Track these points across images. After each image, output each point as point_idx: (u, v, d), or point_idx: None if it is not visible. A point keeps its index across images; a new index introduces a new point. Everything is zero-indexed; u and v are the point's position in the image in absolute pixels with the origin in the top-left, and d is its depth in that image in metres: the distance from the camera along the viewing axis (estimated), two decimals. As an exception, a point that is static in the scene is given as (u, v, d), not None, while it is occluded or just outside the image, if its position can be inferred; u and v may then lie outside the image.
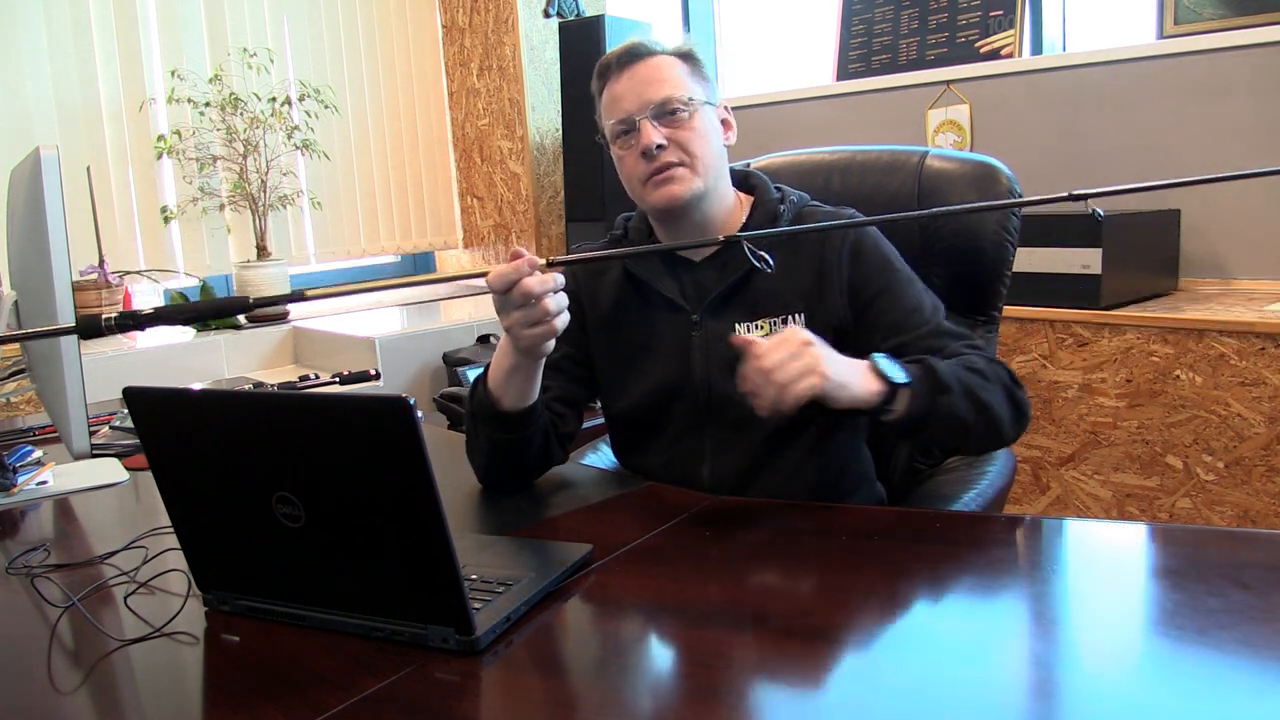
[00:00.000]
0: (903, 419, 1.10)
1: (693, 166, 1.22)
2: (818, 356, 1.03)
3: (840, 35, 3.26)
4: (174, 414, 0.89)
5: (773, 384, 1.01)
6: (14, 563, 1.06)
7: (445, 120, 4.08)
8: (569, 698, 0.76)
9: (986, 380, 1.14)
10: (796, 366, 1.02)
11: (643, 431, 1.32)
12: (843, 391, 1.05)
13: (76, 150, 3.06)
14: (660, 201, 1.23)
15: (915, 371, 1.11)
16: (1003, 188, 1.43)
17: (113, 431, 1.61)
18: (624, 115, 1.24)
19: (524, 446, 1.21)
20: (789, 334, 1.05)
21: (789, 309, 1.24)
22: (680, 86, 1.23)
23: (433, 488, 0.77)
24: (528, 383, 1.17)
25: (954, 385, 1.10)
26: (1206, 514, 2.13)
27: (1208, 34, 2.44)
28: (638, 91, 1.23)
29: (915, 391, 1.09)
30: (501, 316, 1.10)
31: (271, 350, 3.13)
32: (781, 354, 1.02)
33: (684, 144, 1.22)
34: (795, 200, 1.30)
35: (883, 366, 1.09)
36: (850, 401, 1.07)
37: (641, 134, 1.22)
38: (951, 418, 1.10)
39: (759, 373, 1.02)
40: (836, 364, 1.06)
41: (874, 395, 1.08)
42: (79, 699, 0.79)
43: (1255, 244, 2.42)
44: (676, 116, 1.22)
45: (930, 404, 1.09)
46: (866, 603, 0.90)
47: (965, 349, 1.18)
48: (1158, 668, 0.76)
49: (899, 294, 1.23)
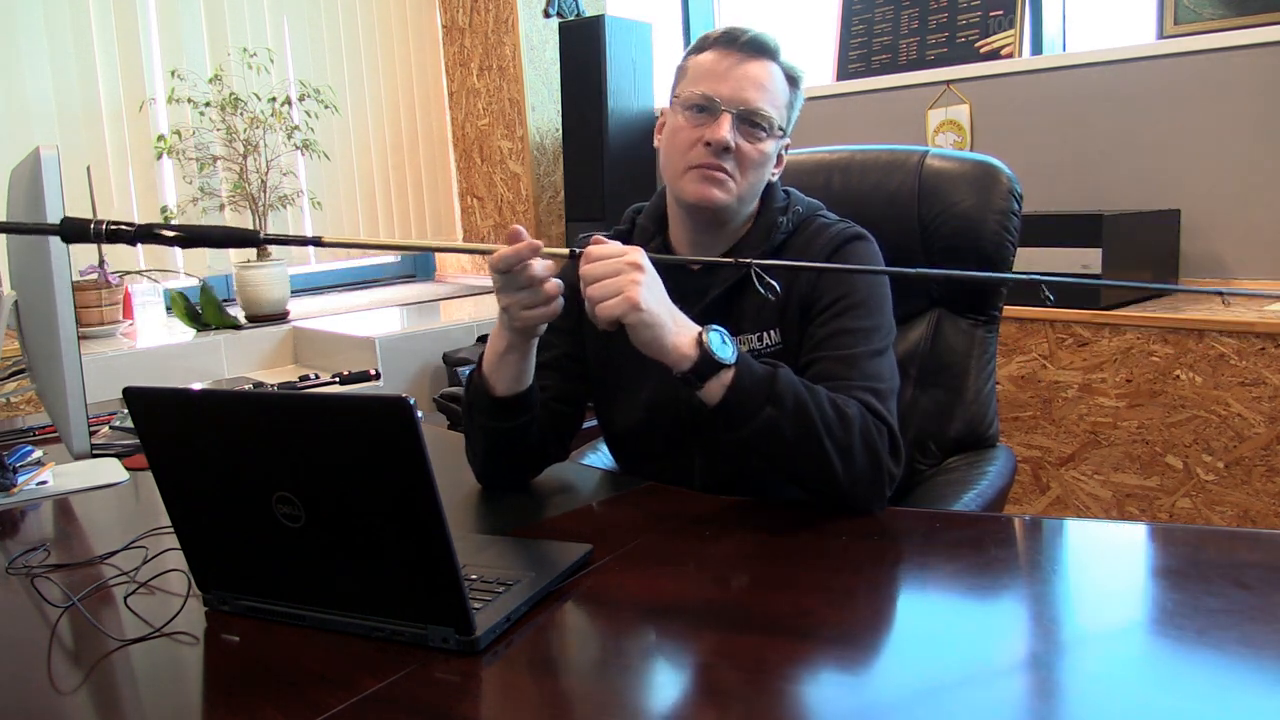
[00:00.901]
0: (717, 409, 1.04)
1: (738, 183, 1.19)
2: (637, 284, 1.00)
3: (840, 35, 3.26)
4: (174, 414, 0.89)
5: (587, 296, 1.00)
6: (14, 563, 1.06)
7: (445, 120, 4.08)
8: (569, 698, 0.76)
9: (844, 425, 1.04)
10: (610, 285, 1.00)
11: (636, 444, 1.32)
12: (648, 333, 1.01)
13: (76, 150, 3.06)
14: (694, 197, 1.19)
15: (755, 368, 1.05)
16: (1003, 187, 1.43)
17: (113, 431, 1.61)
18: (715, 96, 1.18)
19: (520, 436, 1.19)
20: (619, 249, 1.03)
21: (765, 326, 1.21)
22: (777, 106, 1.20)
23: (433, 488, 0.77)
24: (521, 364, 1.16)
25: (788, 403, 1.03)
26: (1206, 514, 2.13)
27: (1208, 34, 2.44)
28: (741, 85, 1.18)
29: (740, 386, 1.03)
30: (501, 297, 1.09)
31: (271, 350, 3.13)
32: (601, 269, 1.01)
33: (744, 158, 1.18)
34: (801, 210, 1.27)
35: (711, 339, 1.03)
36: (655, 351, 1.02)
37: (719, 124, 1.16)
38: (770, 434, 1.03)
39: (583, 281, 1.01)
40: (657, 303, 1.02)
41: (681, 358, 1.02)
42: (79, 699, 0.79)
43: (1255, 244, 2.42)
44: (756, 131, 1.18)
45: (752, 408, 1.03)
46: (866, 603, 0.90)
47: (862, 392, 1.10)
48: (1158, 668, 0.76)
49: (844, 313, 1.17)
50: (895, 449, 1.09)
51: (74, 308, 1.24)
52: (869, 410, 1.08)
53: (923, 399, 1.46)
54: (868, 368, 1.13)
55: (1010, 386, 2.38)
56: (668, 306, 1.04)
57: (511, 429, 1.19)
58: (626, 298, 1.00)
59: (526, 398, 1.18)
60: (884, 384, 1.13)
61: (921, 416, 1.45)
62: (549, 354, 1.31)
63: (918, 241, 1.45)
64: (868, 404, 1.09)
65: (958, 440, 1.44)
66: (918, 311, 1.49)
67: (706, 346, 1.02)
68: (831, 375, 1.12)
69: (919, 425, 1.44)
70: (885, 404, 1.11)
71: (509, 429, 1.19)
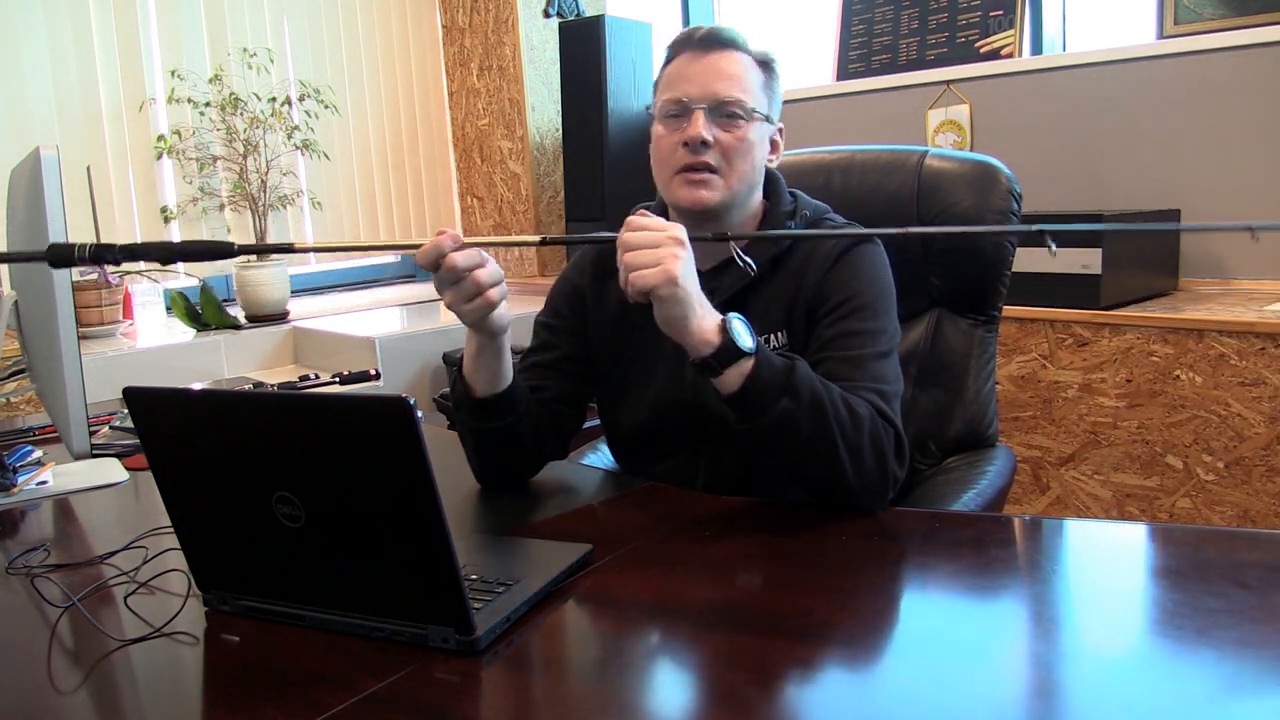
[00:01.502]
0: (735, 397, 1.04)
1: (726, 176, 1.19)
2: (678, 258, 1.00)
3: (840, 35, 3.26)
4: (174, 414, 0.89)
5: (624, 264, 1.00)
6: (14, 563, 1.06)
7: (445, 120, 4.08)
8: (569, 698, 0.76)
9: (856, 424, 1.05)
10: (650, 254, 1.00)
11: (641, 444, 1.32)
12: (678, 309, 1.01)
13: (76, 150, 3.06)
14: (686, 202, 1.20)
15: (773, 359, 1.04)
16: (1002, 187, 1.43)
17: (113, 431, 1.61)
18: (683, 97, 1.18)
19: (506, 436, 1.19)
20: (663, 223, 1.03)
21: (773, 328, 1.21)
22: (748, 92, 1.19)
23: (433, 488, 0.77)
24: (495, 364, 1.15)
25: (804, 396, 1.03)
26: (1206, 514, 2.13)
27: (1208, 34, 2.44)
28: (706, 80, 1.18)
29: (758, 376, 1.02)
30: (441, 296, 1.10)
31: (271, 350, 3.13)
32: (643, 238, 1.01)
33: (727, 149, 1.18)
34: (809, 214, 1.27)
35: (734, 326, 1.03)
36: (678, 331, 1.02)
37: (692, 124, 1.17)
38: (786, 426, 1.03)
39: (621, 247, 1.01)
40: (692, 283, 1.02)
41: (704, 343, 1.02)
42: (79, 699, 0.79)
43: (1255, 244, 2.42)
44: (733, 120, 1.18)
45: (770, 399, 1.02)
46: (866, 603, 0.90)
47: (868, 392, 1.10)
48: (1158, 668, 0.76)
49: (850, 315, 1.17)
50: (900, 451, 1.09)
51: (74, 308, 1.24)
52: (877, 412, 1.08)
53: (923, 399, 1.46)
54: (874, 369, 1.13)
55: (1010, 386, 2.38)
56: (699, 290, 1.04)
57: (497, 429, 1.18)
58: (665, 269, 0.99)
59: (508, 398, 1.17)
60: (889, 386, 1.13)
61: (921, 416, 1.45)
62: (551, 354, 1.31)
63: (917, 241, 1.45)
64: (875, 405, 1.09)
65: (958, 440, 1.44)
66: (918, 311, 1.49)
67: (729, 334, 1.02)
68: (837, 376, 1.12)
69: (919, 425, 1.44)
70: (891, 406, 1.11)
71: (494, 430, 1.18)
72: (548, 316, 1.35)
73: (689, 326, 1.02)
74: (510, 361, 1.17)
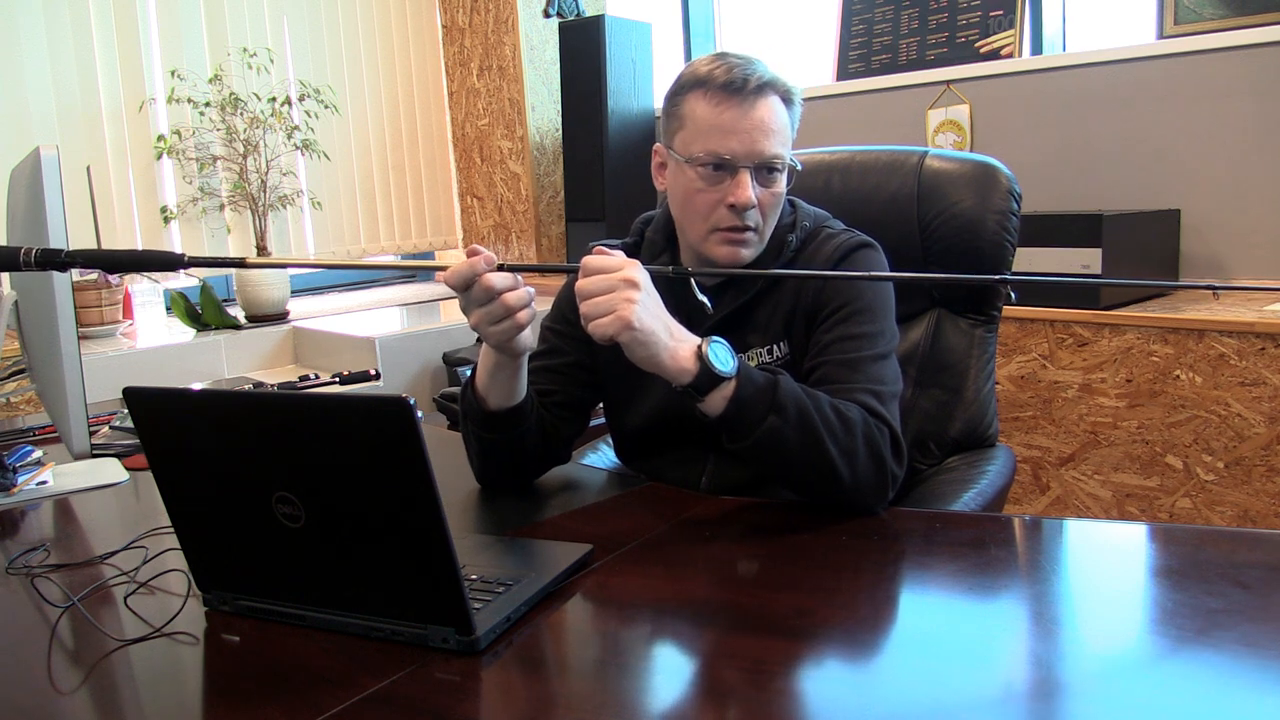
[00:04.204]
0: (720, 420, 1.03)
1: (762, 231, 1.18)
2: (631, 302, 0.98)
3: (840, 35, 3.26)
4: (174, 414, 0.89)
5: (582, 313, 0.99)
6: (14, 563, 1.06)
7: (445, 120, 4.08)
8: (569, 698, 0.76)
9: (847, 428, 1.04)
10: (603, 303, 0.98)
11: (646, 447, 1.32)
12: (643, 351, 0.99)
13: (76, 150, 3.06)
14: (724, 260, 1.18)
15: (756, 377, 1.03)
16: (1002, 188, 1.43)
17: (113, 431, 1.61)
18: (727, 155, 1.14)
19: (515, 446, 1.20)
20: (616, 264, 1.00)
21: (774, 339, 1.21)
22: (786, 144, 1.16)
23: (433, 488, 0.77)
24: (512, 382, 1.15)
25: (790, 411, 1.02)
26: (1206, 514, 2.13)
27: (1208, 34, 2.44)
28: (752, 138, 1.13)
29: (741, 397, 1.01)
30: (467, 316, 1.08)
31: (271, 350, 3.13)
32: (595, 284, 0.99)
33: (766, 208, 1.16)
34: (809, 224, 1.26)
35: (711, 351, 1.01)
36: (653, 367, 1.01)
37: (740, 186, 1.13)
38: (775, 442, 1.02)
39: (578, 295, 1.00)
40: (652, 319, 1.00)
41: (680, 372, 1.00)
42: (79, 699, 0.79)
43: (1255, 244, 2.42)
44: (772, 175, 1.16)
45: (755, 418, 1.01)
46: (866, 603, 0.90)
47: (864, 394, 1.09)
48: (1158, 668, 0.76)
49: (848, 319, 1.16)
50: (897, 450, 1.09)
51: (74, 308, 1.24)
52: (870, 412, 1.08)
53: (923, 399, 1.46)
54: (871, 371, 1.13)
55: (1010, 386, 2.38)
56: (664, 322, 1.02)
57: (506, 439, 1.19)
58: (619, 316, 0.98)
59: (520, 411, 1.17)
60: (886, 387, 1.13)
61: (921, 416, 1.45)
62: (558, 360, 1.31)
63: (917, 242, 1.45)
64: (869, 406, 1.09)
65: (957, 440, 1.44)
66: (917, 311, 1.49)
67: (706, 360, 1.01)
68: (835, 379, 1.12)
69: (919, 425, 1.44)
70: (886, 406, 1.11)
71: (503, 439, 1.19)
72: (554, 322, 1.35)
73: (661, 361, 1.01)
74: (526, 378, 1.17)
